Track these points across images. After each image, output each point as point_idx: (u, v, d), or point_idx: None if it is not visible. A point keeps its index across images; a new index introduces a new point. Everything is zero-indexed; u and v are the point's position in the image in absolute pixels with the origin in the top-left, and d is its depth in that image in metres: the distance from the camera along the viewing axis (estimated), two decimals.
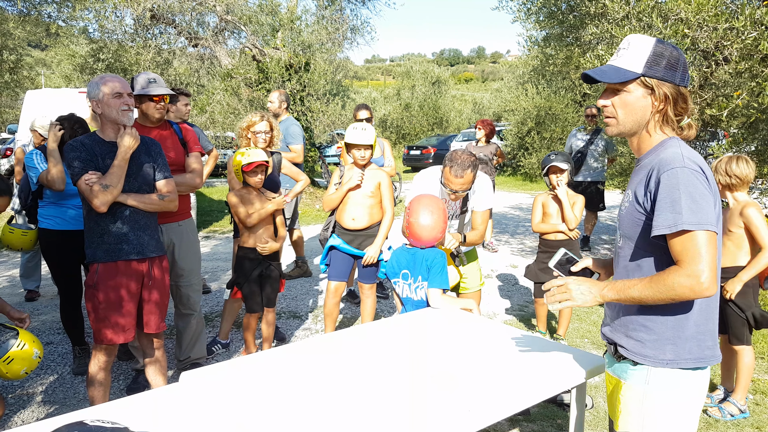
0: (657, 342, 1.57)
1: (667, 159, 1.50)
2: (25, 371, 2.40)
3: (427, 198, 2.75)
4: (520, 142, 16.63)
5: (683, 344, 1.55)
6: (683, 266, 1.44)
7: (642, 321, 1.59)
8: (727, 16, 3.87)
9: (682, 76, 1.55)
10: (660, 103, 1.55)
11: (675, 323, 1.55)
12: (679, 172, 1.46)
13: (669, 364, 1.55)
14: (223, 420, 1.65)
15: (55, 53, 17.26)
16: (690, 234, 1.43)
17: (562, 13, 6.61)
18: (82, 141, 2.65)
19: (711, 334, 1.58)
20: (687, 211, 1.43)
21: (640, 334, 1.59)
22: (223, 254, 7.15)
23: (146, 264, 2.73)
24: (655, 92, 1.54)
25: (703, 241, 1.43)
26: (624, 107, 1.58)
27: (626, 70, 1.55)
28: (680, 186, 1.45)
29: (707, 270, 1.42)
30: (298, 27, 11.90)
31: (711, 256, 1.43)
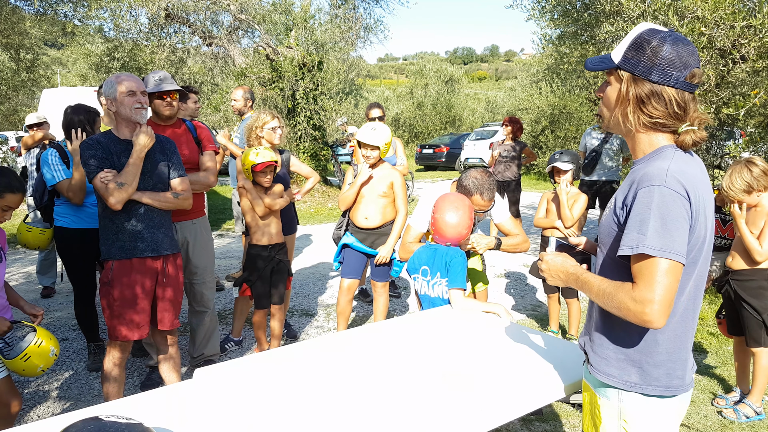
0: (623, 362, 1.46)
1: (649, 174, 1.35)
2: (42, 368, 2.43)
3: (454, 196, 2.74)
4: (534, 141, 16.52)
5: (651, 370, 1.44)
6: (635, 289, 1.32)
7: (611, 338, 1.48)
8: (745, 14, 3.81)
9: (664, 73, 1.35)
10: (624, 96, 1.40)
11: (643, 346, 1.44)
12: (656, 191, 1.31)
13: (633, 387, 1.45)
14: (236, 416, 1.67)
15: (71, 52, 17.48)
16: (650, 260, 1.30)
17: (577, 11, 6.55)
18: (97, 139, 2.68)
19: (683, 363, 1.46)
20: (652, 234, 1.30)
21: (606, 351, 1.50)
22: (235, 252, 7.20)
23: (160, 261, 2.76)
24: (620, 87, 1.41)
25: (662, 269, 1.29)
26: (606, 98, 1.47)
27: (609, 59, 1.43)
28: (652, 206, 1.31)
29: (657, 301, 1.29)
30: (311, 26, 11.93)
31: (666, 288, 1.29)
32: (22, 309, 2.57)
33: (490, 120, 26.61)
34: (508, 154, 7.11)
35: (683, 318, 1.44)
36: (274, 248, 3.58)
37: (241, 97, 5.19)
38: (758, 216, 3.02)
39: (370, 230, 3.74)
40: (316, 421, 1.61)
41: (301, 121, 11.19)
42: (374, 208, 3.72)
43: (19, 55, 10.72)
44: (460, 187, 3.06)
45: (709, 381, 3.54)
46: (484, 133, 18.44)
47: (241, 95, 5.19)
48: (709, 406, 3.23)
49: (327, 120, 11.70)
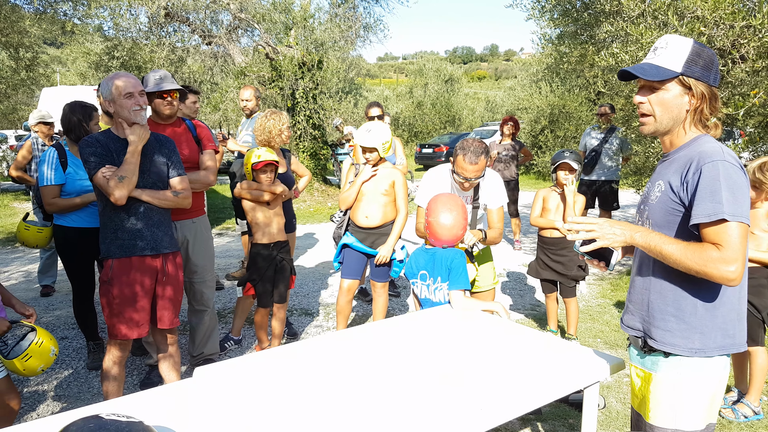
0: (686, 331, 1.62)
1: (708, 152, 1.55)
2: (42, 368, 2.43)
3: (446, 197, 2.73)
4: (534, 140, 16.53)
5: (710, 333, 1.60)
6: (722, 251, 1.48)
7: (672, 311, 1.64)
8: (744, 14, 3.81)
9: (715, 77, 1.60)
10: (698, 101, 1.60)
11: (704, 313, 1.61)
12: (720, 165, 1.50)
13: (697, 353, 1.61)
14: (236, 415, 1.67)
15: (71, 51, 17.45)
16: (728, 224, 1.48)
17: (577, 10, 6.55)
18: (97, 137, 2.68)
19: (733, 324, 1.63)
20: (727, 202, 1.47)
21: (669, 324, 1.64)
22: (235, 251, 7.20)
23: (160, 260, 2.76)
24: (692, 91, 1.59)
25: (740, 232, 1.48)
26: (661, 105, 1.62)
27: (666, 69, 1.59)
28: (721, 177, 1.49)
29: (740, 261, 1.47)
30: (311, 25, 11.93)
31: (743, 249, 1.48)
32: (14, 308, 2.56)
33: (489, 119, 26.60)
34: (507, 153, 7.12)
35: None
36: (276, 246, 3.59)
37: (252, 96, 5.19)
38: (755, 218, 3.02)
39: (370, 230, 3.74)
40: (315, 419, 1.61)
41: (300, 120, 11.20)
42: (375, 208, 3.72)
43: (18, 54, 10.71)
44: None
45: None
46: (484, 133, 18.44)
47: (251, 94, 5.19)
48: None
49: (326, 119, 11.70)
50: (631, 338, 1.76)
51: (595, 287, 5.64)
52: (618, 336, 4.29)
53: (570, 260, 3.98)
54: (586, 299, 5.22)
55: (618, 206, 7.13)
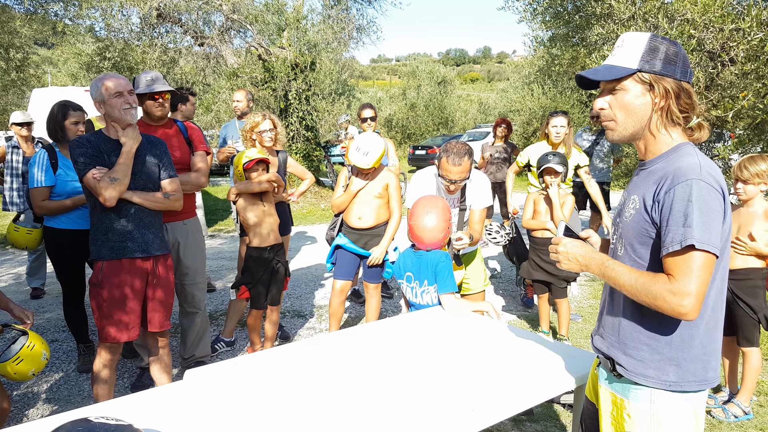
0: (660, 362, 1.47)
1: (684, 169, 1.39)
2: (33, 372, 2.41)
3: (427, 199, 2.72)
4: (526, 142, 16.61)
5: (687, 366, 1.46)
6: (673, 282, 1.36)
7: (644, 339, 1.49)
8: (734, 17, 3.85)
9: (683, 70, 1.44)
10: (661, 99, 1.44)
11: (680, 343, 1.46)
12: (694, 185, 1.36)
13: (672, 386, 1.47)
14: (227, 418, 1.66)
15: (62, 52, 17.34)
16: (690, 253, 1.34)
17: (568, 13, 6.59)
18: (87, 138, 2.66)
19: (715, 354, 1.50)
20: (697, 227, 1.33)
21: (641, 353, 1.49)
22: (227, 253, 7.18)
23: (151, 262, 2.74)
24: (654, 88, 1.44)
25: (701, 262, 1.34)
26: (622, 108, 1.48)
27: (621, 67, 1.46)
28: (693, 199, 1.35)
29: (695, 295, 1.34)
30: (304, 26, 11.92)
31: (703, 281, 1.34)
32: (11, 312, 2.53)
33: (482, 121, 26.70)
34: (499, 155, 7.14)
35: (713, 310, 1.47)
36: (272, 249, 3.58)
37: (243, 98, 5.17)
38: (752, 218, 3.05)
39: (363, 231, 3.74)
40: (307, 422, 1.61)
41: (293, 121, 11.18)
42: (368, 209, 3.71)
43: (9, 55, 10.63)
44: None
45: None
46: (477, 135, 18.50)
47: (243, 96, 5.18)
48: None
49: (320, 121, 11.69)
50: (601, 359, 1.62)
51: (587, 288, 5.67)
52: None
53: None
54: (577, 300, 5.25)
55: (609, 208, 7.17)
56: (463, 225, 3.37)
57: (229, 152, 4.82)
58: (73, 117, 3.61)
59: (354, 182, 3.69)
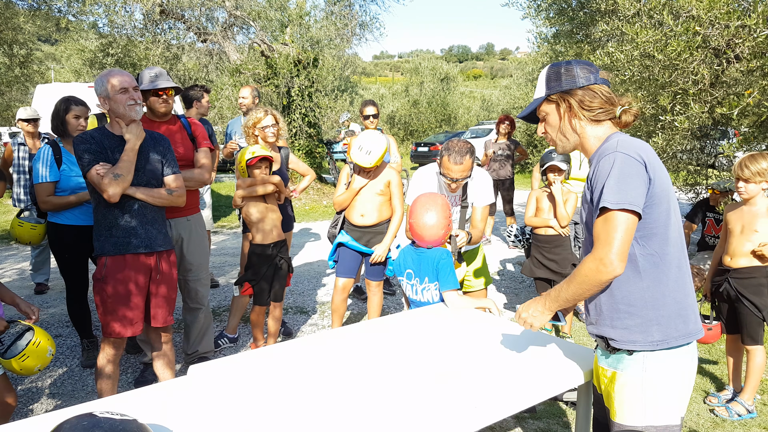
0: (642, 325, 1.61)
1: (603, 149, 1.64)
2: (39, 368, 2.41)
3: (426, 197, 2.71)
4: (529, 139, 16.57)
5: (668, 322, 1.60)
6: (593, 253, 1.56)
7: (623, 308, 1.63)
8: (739, 14, 3.82)
9: (568, 80, 1.70)
10: (566, 105, 1.72)
11: (653, 302, 1.61)
12: (611, 157, 1.57)
13: (659, 344, 1.60)
14: (230, 413, 1.67)
15: (65, 48, 17.35)
16: (605, 215, 1.53)
17: (573, 9, 6.56)
18: (91, 134, 2.66)
19: (693, 309, 1.65)
20: (609, 191, 1.52)
21: (624, 322, 1.64)
22: (231, 249, 7.19)
23: (154, 258, 2.75)
24: (558, 105, 1.73)
25: (617, 221, 1.52)
26: (550, 126, 1.78)
27: (536, 99, 1.79)
28: (611, 169, 1.54)
29: (614, 251, 1.51)
30: (306, 23, 11.91)
31: (622, 239, 1.51)
32: (17, 307, 2.54)
33: (485, 118, 26.62)
34: (502, 152, 7.11)
35: (679, 268, 1.63)
36: (275, 246, 3.58)
37: (249, 94, 5.15)
38: (754, 216, 3.04)
39: (365, 228, 3.73)
40: (310, 418, 1.61)
41: (296, 118, 11.18)
42: (370, 206, 3.71)
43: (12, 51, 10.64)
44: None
45: (702, 379, 3.56)
46: (480, 132, 18.46)
47: (248, 93, 5.16)
48: (701, 405, 3.25)
49: (322, 117, 11.69)
50: (597, 340, 1.75)
51: None
52: None
53: (564, 258, 4.00)
54: None
55: None
56: (465, 223, 3.37)
57: (232, 148, 4.82)
58: (75, 111, 3.62)
59: (356, 180, 3.68)
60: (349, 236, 3.75)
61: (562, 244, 4.01)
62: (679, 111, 4.33)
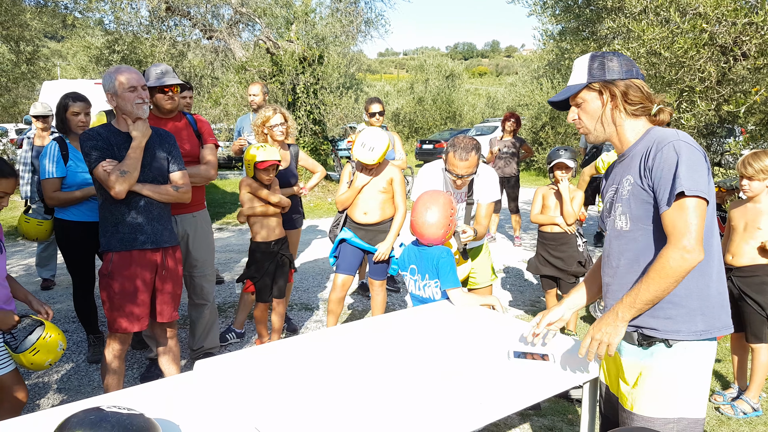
0: (687, 315, 1.63)
1: (663, 136, 1.63)
2: (50, 362, 2.42)
3: (430, 195, 2.71)
4: (535, 137, 16.50)
5: (711, 312, 1.63)
6: (670, 243, 1.54)
7: (667, 298, 1.62)
8: (747, 11, 3.80)
9: (627, 70, 1.70)
10: (611, 98, 1.71)
11: (699, 293, 1.62)
12: (675, 145, 1.57)
13: (702, 334, 1.63)
14: (235, 408, 1.68)
15: (71, 45, 17.41)
16: (683, 200, 1.52)
17: (579, 6, 6.54)
18: (98, 131, 2.68)
19: (727, 300, 1.68)
20: (684, 178, 1.52)
21: (668, 312, 1.64)
22: (236, 245, 7.21)
23: (160, 254, 2.76)
24: (602, 93, 1.72)
25: (692, 206, 1.52)
26: (585, 114, 1.77)
27: (575, 85, 1.77)
28: (679, 156, 1.54)
29: (694, 237, 1.51)
30: (312, 20, 11.90)
31: (698, 224, 1.52)
32: (30, 305, 2.54)
33: (490, 116, 26.55)
34: (507, 150, 7.10)
35: (720, 260, 1.67)
36: (277, 243, 3.59)
37: (260, 91, 5.12)
38: (759, 214, 3.02)
39: (369, 226, 3.72)
40: (315, 413, 1.62)
41: (301, 115, 11.18)
42: (374, 204, 3.70)
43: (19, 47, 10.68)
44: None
45: None
46: (485, 129, 18.41)
47: (259, 90, 5.12)
48: (707, 403, 3.24)
49: (327, 114, 11.69)
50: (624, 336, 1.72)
51: None
52: None
53: (570, 256, 3.99)
54: None
55: None
56: (470, 219, 3.36)
57: (240, 145, 4.83)
58: (73, 108, 3.63)
59: (358, 178, 3.66)
60: (351, 233, 3.75)
61: (569, 241, 4.00)
62: (685, 108, 4.31)
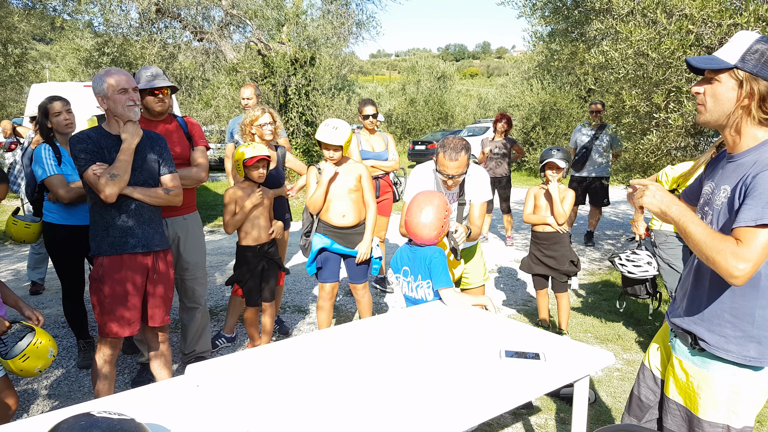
0: (742, 339, 1.60)
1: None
2: (40, 369, 2.40)
3: (425, 195, 2.72)
4: (525, 137, 16.58)
5: (767, 342, 1.59)
6: (739, 246, 1.45)
7: (728, 318, 1.61)
8: (731, 12, 3.85)
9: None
10: (745, 97, 1.54)
11: (762, 323, 1.59)
12: None
13: (752, 361, 1.60)
14: (227, 412, 1.67)
15: (60, 47, 17.28)
16: (764, 229, 1.44)
17: (568, 8, 6.59)
18: (88, 134, 2.66)
19: None
20: None
21: (724, 330, 1.62)
22: (227, 248, 7.18)
23: (151, 258, 2.75)
24: (743, 85, 1.53)
25: (766, 239, 1.44)
26: (713, 97, 1.59)
27: (722, 60, 1.56)
28: None
29: (753, 264, 1.44)
30: (303, 21, 11.90)
31: (763, 256, 1.45)
32: (20, 310, 2.52)
33: (481, 116, 26.64)
34: (499, 150, 7.13)
35: None
36: (263, 247, 3.58)
37: (252, 94, 5.00)
38: None
39: (347, 229, 3.62)
40: (308, 416, 1.62)
41: (293, 117, 11.17)
42: (349, 205, 3.60)
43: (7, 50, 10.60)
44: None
45: None
46: (476, 130, 18.47)
47: (251, 93, 5.00)
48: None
49: (319, 116, 11.69)
50: (679, 334, 1.76)
51: (587, 283, 5.68)
52: (608, 331, 4.33)
53: (562, 255, 4.02)
54: (577, 294, 5.26)
55: (608, 202, 7.19)
56: (463, 220, 3.37)
57: None
58: (54, 108, 3.57)
59: (325, 171, 3.52)
60: (329, 240, 3.63)
61: (560, 241, 4.03)
62: (673, 108, 4.36)
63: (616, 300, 4.70)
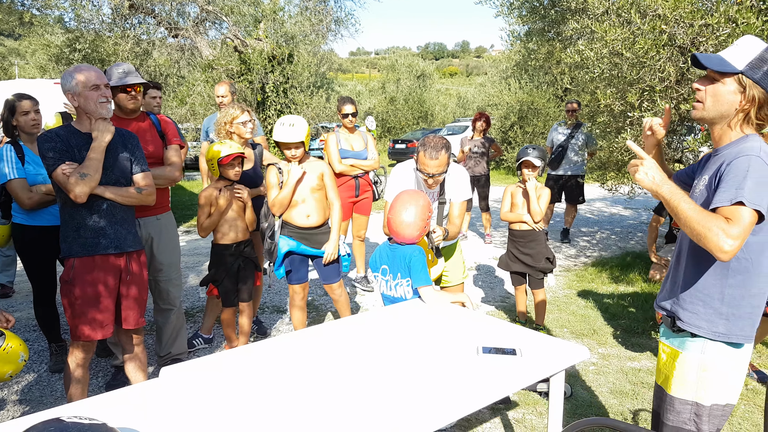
0: (711, 315, 1.71)
1: (744, 149, 1.62)
2: (10, 374, 2.34)
3: (408, 194, 2.72)
4: (504, 136, 16.73)
5: (736, 321, 1.70)
6: (729, 224, 1.53)
7: (700, 296, 1.73)
8: (703, 13, 3.93)
9: None
10: (747, 103, 1.64)
11: (731, 301, 1.69)
12: (752, 160, 1.57)
13: (720, 336, 1.70)
14: (202, 415, 1.65)
15: (29, 43, 16.80)
16: (742, 207, 1.53)
17: (544, 8, 6.66)
18: (57, 132, 2.60)
19: (758, 318, 1.73)
20: (749, 190, 1.53)
21: (696, 307, 1.74)
22: (204, 249, 7.09)
23: (124, 258, 2.70)
24: (746, 92, 1.63)
25: (748, 217, 1.53)
26: (714, 96, 1.68)
27: (729, 63, 1.64)
28: (749, 170, 1.55)
29: (739, 241, 1.52)
30: (281, 18, 11.80)
31: (746, 233, 1.54)
32: None
33: (461, 115, 26.79)
34: (477, 149, 7.18)
35: (766, 276, 1.69)
36: (239, 246, 3.54)
37: (227, 91, 4.93)
38: None
39: (312, 230, 3.57)
40: (287, 417, 1.61)
41: (271, 114, 11.09)
42: (314, 205, 3.56)
43: None
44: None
45: None
46: (456, 128, 18.57)
47: (226, 90, 4.92)
48: None
49: (298, 114, 11.61)
50: (663, 318, 1.87)
51: (562, 279, 5.76)
52: (583, 325, 4.40)
53: (538, 252, 4.07)
54: (553, 290, 5.33)
55: (584, 200, 7.29)
56: (443, 219, 3.38)
57: None
58: (22, 107, 3.48)
59: (292, 172, 3.46)
60: (295, 242, 3.56)
61: (537, 238, 4.07)
62: (646, 108, 4.43)
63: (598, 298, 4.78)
